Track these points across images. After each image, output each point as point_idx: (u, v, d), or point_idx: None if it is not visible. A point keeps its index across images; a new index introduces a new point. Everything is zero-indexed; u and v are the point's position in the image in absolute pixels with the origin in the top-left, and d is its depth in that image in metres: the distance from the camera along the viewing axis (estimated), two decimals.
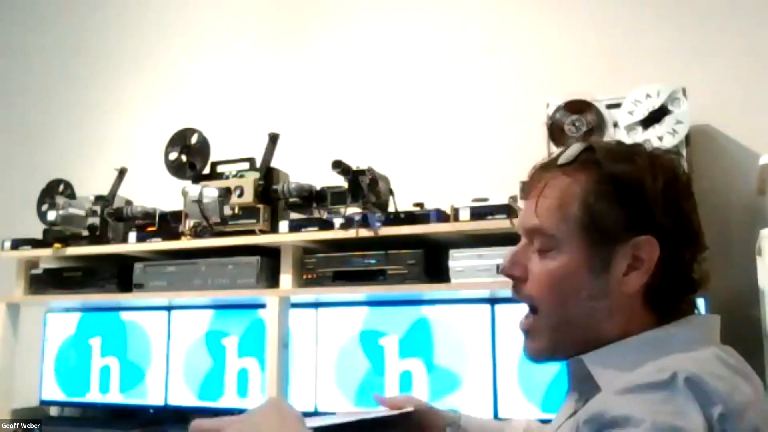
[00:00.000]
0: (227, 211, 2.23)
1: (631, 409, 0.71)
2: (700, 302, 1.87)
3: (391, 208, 2.13)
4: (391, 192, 2.14)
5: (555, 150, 2.06)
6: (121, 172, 2.58)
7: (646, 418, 0.69)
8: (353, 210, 2.14)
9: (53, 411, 2.84)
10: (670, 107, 2.01)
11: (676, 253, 0.85)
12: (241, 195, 2.22)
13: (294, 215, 2.27)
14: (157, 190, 2.55)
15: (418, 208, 2.13)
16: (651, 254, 0.83)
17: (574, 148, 0.90)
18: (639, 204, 0.84)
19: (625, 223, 0.84)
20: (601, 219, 0.84)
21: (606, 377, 0.82)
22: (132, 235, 2.43)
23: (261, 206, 2.22)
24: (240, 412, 0.82)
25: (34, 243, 2.58)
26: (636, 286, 0.84)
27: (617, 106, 2.06)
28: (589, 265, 0.85)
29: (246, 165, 2.36)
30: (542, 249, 0.89)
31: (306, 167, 2.36)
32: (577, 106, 2.08)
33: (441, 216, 2.06)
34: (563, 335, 0.88)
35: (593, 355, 0.85)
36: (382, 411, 1.07)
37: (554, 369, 2.02)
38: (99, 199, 2.56)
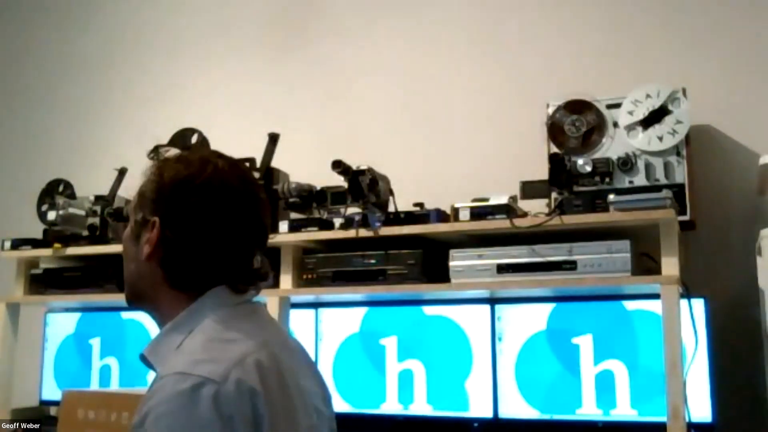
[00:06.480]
0: None
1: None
2: (700, 302, 1.88)
3: (391, 208, 2.12)
4: (391, 192, 2.13)
5: (555, 150, 2.08)
6: (121, 172, 2.58)
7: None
8: (353, 210, 2.14)
9: (53, 411, 2.83)
10: (670, 107, 2.01)
11: (182, 238, 1.06)
12: None
13: (294, 215, 2.27)
14: None
15: (418, 208, 2.13)
16: (152, 232, 1.07)
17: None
18: (157, 193, 1.10)
19: (152, 207, 1.09)
20: (142, 202, 1.12)
21: (160, 362, 1.04)
22: None
23: None
24: None
25: (34, 243, 2.58)
26: (144, 253, 1.07)
27: (617, 106, 2.06)
28: (131, 234, 1.12)
29: (246, 165, 2.36)
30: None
31: (306, 167, 2.35)
32: (577, 106, 2.08)
33: (441, 216, 2.06)
34: (129, 287, 1.14)
35: (148, 346, 1.08)
36: None
37: (554, 369, 2.03)
38: (99, 199, 2.55)
